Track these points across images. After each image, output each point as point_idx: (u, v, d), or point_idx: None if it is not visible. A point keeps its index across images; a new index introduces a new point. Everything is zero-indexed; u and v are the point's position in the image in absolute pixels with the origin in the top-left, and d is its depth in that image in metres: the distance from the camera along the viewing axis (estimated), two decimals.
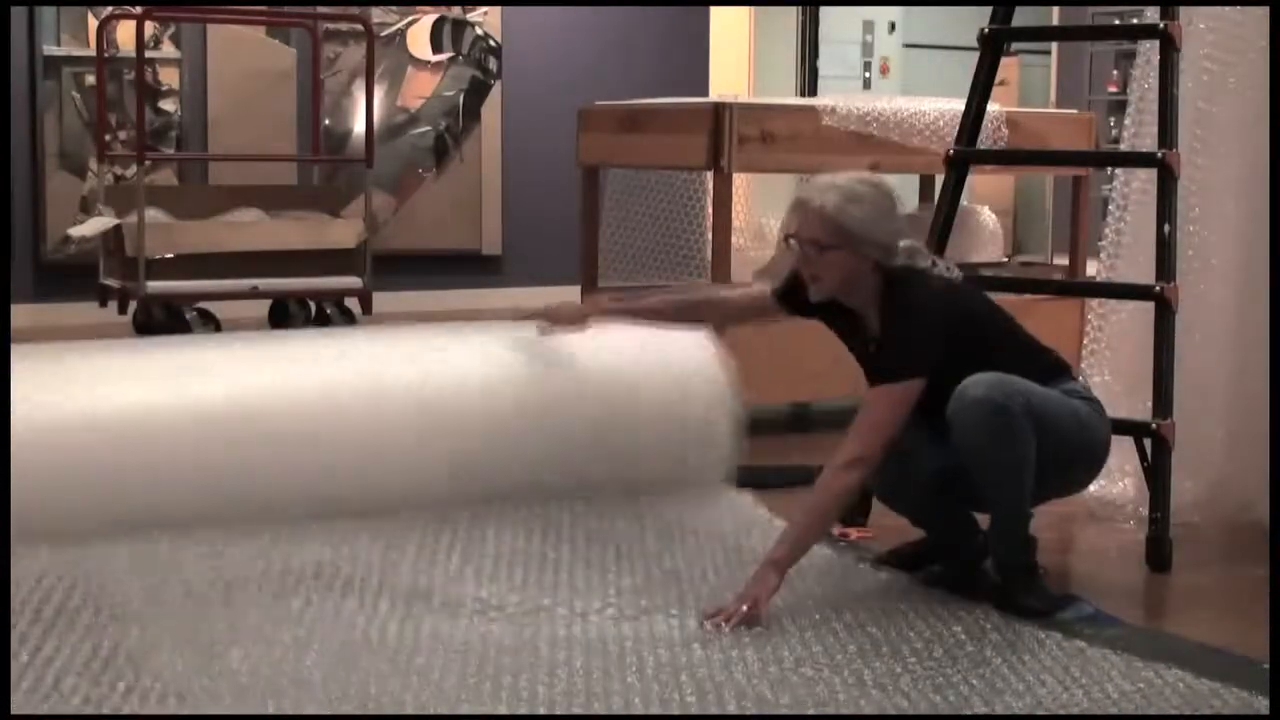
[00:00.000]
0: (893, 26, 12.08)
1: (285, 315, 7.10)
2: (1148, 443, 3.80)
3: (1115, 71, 11.19)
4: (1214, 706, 2.70)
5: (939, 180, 4.72)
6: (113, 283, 6.44)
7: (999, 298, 5.81)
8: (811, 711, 2.64)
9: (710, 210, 5.47)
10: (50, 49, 7.45)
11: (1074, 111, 7.57)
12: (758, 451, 4.94)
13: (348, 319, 6.91)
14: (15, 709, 2.53)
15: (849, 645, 2.98)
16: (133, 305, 6.35)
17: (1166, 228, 3.86)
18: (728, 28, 10.81)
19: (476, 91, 8.41)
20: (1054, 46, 11.80)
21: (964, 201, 5.05)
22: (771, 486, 4.24)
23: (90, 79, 7.32)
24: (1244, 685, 2.78)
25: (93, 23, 7.34)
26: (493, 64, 8.42)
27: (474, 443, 3.75)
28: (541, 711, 2.61)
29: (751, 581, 3.12)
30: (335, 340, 4.27)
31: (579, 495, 3.80)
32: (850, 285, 3.32)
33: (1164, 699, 2.73)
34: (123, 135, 7.47)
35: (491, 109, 8.43)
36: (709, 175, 5.53)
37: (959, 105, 4.43)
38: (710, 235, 5.42)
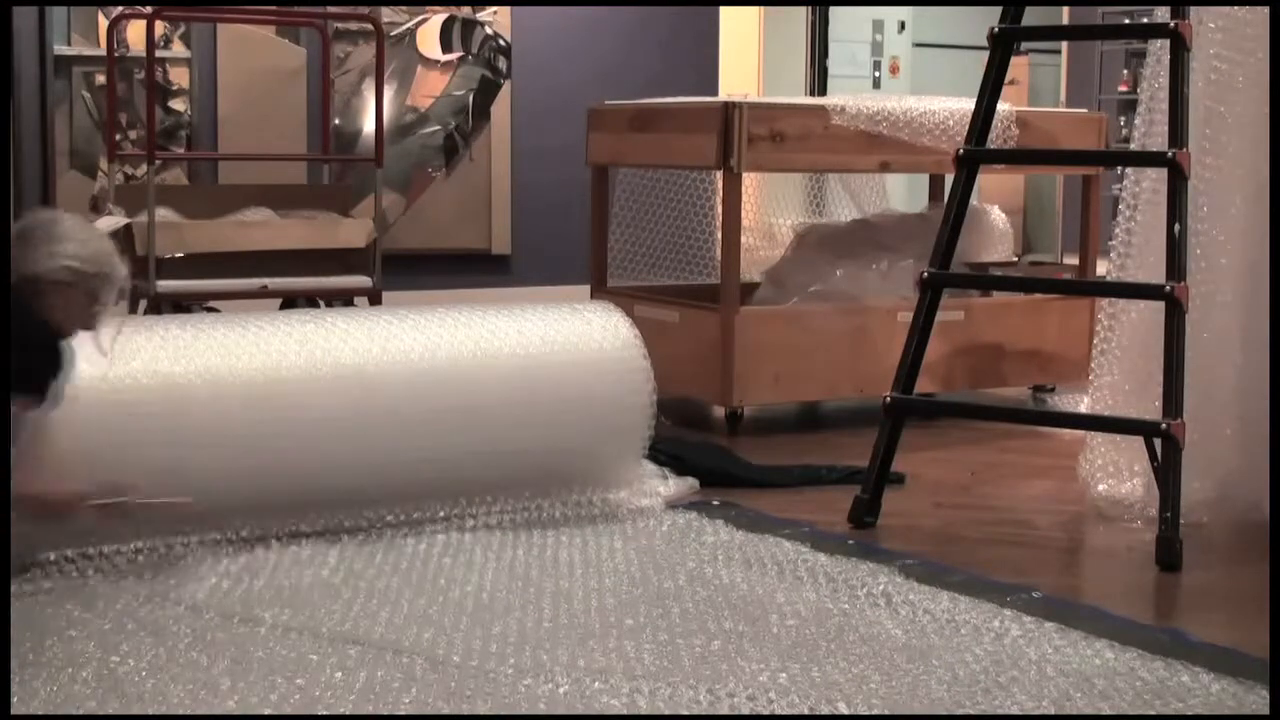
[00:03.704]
0: (902, 26, 12.08)
1: None
2: (1157, 442, 3.80)
3: (1125, 71, 11.18)
4: (1218, 705, 2.70)
5: (949, 179, 4.72)
6: None
7: (1008, 297, 5.90)
8: (810, 712, 2.63)
9: (720, 210, 5.47)
10: (61, 48, 7.46)
11: (1084, 111, 7.55)
12: (762, 451, 4.95)
13: None
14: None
15: (847, 645, 2.98)
16: (143, 304, 6.34)
17: (1176, 227, 3.85)
18: (737, 27, 10.80)
19: (486, 91, 8.40)
20: (1064, 46, 11.79)
21: (973, 201, 5.04)
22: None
23: (100, 78, 7.33)
24: (1250, 684, 2.78)
25: (103, 22, 7.36)
26: (502, 63, 8.42)
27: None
28: (542, 711, 2.62)
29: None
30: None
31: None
32: None
33: (1168, 697, 2.72)
34: (133, 134, 7.48)
35: (501, 108, 8.42)
36: (718, 175, 5.53)
37: (969, 104, 4.43)
38: (720, 235, 5.42)
